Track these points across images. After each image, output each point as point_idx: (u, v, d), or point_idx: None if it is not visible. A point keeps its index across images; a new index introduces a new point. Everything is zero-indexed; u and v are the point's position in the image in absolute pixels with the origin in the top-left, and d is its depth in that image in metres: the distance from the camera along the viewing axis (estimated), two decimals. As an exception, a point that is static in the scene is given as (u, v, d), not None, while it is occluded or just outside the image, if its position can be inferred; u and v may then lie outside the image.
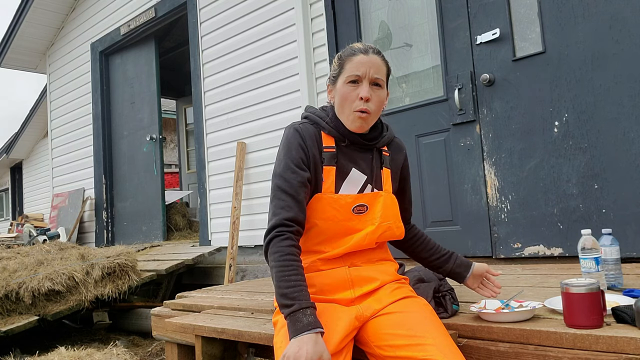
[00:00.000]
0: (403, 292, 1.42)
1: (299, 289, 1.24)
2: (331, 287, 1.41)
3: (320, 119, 1.48)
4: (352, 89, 1.42)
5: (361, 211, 1.44)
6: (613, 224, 2.39)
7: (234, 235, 4.01)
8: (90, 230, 6.23)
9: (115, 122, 6.10)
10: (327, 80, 1.53)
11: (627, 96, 2.39)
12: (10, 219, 12.47)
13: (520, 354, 1.26)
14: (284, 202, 1.36)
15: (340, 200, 1.42)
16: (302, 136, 1.44)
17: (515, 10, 2.77)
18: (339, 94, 1.45)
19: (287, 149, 1.43)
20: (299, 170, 1.39)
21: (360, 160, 1.49)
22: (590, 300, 1.20)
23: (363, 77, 1.41)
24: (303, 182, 1.38)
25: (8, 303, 3.45)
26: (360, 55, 1.42)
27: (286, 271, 1.26)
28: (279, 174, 1.41)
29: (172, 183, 10.74)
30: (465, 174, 2.94)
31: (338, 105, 1.46)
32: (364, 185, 1.47)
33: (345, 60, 1.45)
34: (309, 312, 1.20)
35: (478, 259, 2.85)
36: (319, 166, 1.44)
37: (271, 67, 4.05)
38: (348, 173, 1.46)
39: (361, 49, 1.44)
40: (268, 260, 1.32)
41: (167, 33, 6.83)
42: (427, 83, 3.19)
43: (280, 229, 1.32)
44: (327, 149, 1.45)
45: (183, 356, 2.19)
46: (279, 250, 1.29)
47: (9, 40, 6.67)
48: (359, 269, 1.44)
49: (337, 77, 1.47)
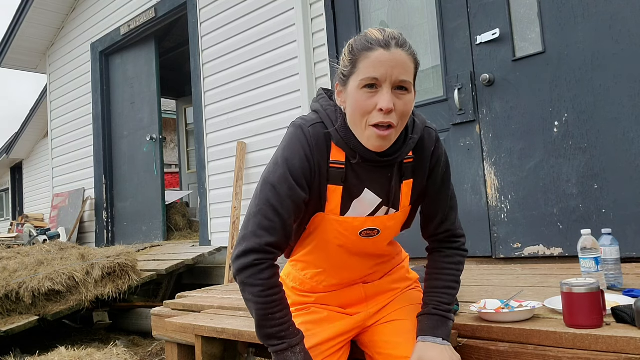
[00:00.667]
0: (411, 297, 1.36)
1: (286, 326, 1.12)
2: (345, 305, 1.35)
3: (331, 121, 1.17)
4: (369, 95, 1.08)
5: (370, 235, 1.23)
6: (613, 224, 2.39)
7: (234, 235, 4.01)
8: (91, 230, 6.23)
9: (115, 122, 6.10)
10: (335, 79, 1.19)
11: (627, 96, 2.39)
12: (10, 219, 12.47)
13: (520, 353, 1.26)
14: (270, 222, 1.11)
15: (345, 223, 1.21)
16: (309, 144, 1.14)
17: (515, 10, 2.77)
18: (351, 100, 1.11)
19: (289, 155, 1.14)
20: (297, 188, 1.13)
21: (374, 181, 1.20)
22: (590, 300, 1.20)
23: (383, 82, 1.07)
24: (297, 203, 1.14)
25: (8, 303, 3.45)
26: (379, 51, 1.07)
27: (270, 309, 1.10)
28: (271, 184, 1.14)
29: (172, 183, 10.73)
30: (465, 174, 2.94)
31: (351, 115, 1.13)
32: (377, 207, 1.23)
33: (359, 56, 1.10)
34: (299, 350, 1.11)
35: (478, 259, 2.86)
36: (323, 182, 1.17)
37: (271, 67, 4.05)
38: (359, 194, 1.20)
39: (380, 42, 1.08)
40: (240, 285, 1.13)
41: (167, 33, 6.83)
42: (427, 83, 3.19)
43: (261, 256, 1.10)
44: (335, 165, 1.17)
45: (183, 356, 2.19)
46: (259, 284, 1.09)
47: (9, 40, 6.67)
48: (374, 284, 1.36)
49: (348, 77, 1.13)
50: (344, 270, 1.31)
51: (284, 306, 1.13)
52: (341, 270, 1.31)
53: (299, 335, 1.14)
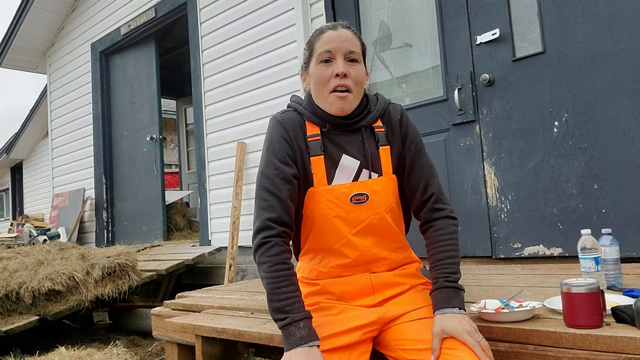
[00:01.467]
0: (429, 297, 1.33)
1: (291, 301, 1.18)
2: (351, 294, 1.35)
3: (301, 106, 1.38)
4: (326, 67, 1.30)
5: (361, 201, 1.31)
6: (613, 224, 2.39)
7: (234, 235, 4.01)
8: (91, 230, 6.23)
9: (115, 122, 6.10)
10: (299, 70, 1.42)
11: (627, 96, 2.40)
12: (10, 219, 12.47)
13: (520, 353, 1.26)
14: (266, 202, 1.26)
15: (334, 191, 1.31)
16: (284, 126, 1.33)
17: (515, 10, 2.77)
18: (312, 77, 1.33)
19: (269, 143, 1.33)
20: (283, 166, 1.29)
21: (348, 145, 1.34)
22: (590, 300, 1.20)
23: (336, 53, 1.29)
24: (287, 179, 1.28)
25: (8, 303, 3.45)
26: (329, 32, 1.32)
27: (277, 283, 1.19)
28: (261, 172, 1.32)
29: (172, 183, 10.74)
30: (465, 174, 2.94)
31: (314, 90, 1.34)
32: (358, 171, 1.34)
33: (314, 41, 1.34)
34: (302, 325, 1.15)
35: (478, 259, 2.86)
36: (306, 158, 1.32)
37: (271, 67, 4.05)
38: (339, 161, 1.33)
39: (329, 26, 1.34)
40: (257, 265, 1.25)
41: (167, 33, 6.83)
42: (427, 83, 3.19)
43: (266, 233, 1.23)
44: (312, 137, 1.33)
45: (183, 356, 2.19)
46: (267, 260, 1.21)
47: (9, 40, 6.68)
48: (380, 275, 1.36)
49: (308, 62, 1.35)
50: (347, 247, 1.33)
51: (290, 282, 1.20)
52: (344, 248, 1.33)
53: (304, 312, 1.18)
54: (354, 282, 1.35)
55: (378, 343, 1.32)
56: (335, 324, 1.25)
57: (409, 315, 1.29)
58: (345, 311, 1.31)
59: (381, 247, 1.36)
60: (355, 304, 1.34)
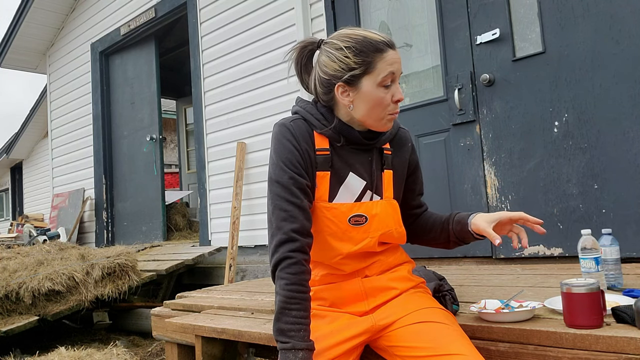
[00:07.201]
0: (423, 299, 1.32)
1: (298, 327, 1.14)
2: (344, 300, 1.33)
3: (311, 115, 1.30)
4: (386, 92, 1.23)
5: (359, 222, 1.29)
6: (613, 224, 2.39)
7: (234, 235, 4.01)
8: (91, 230, 6.23)
9: (115, 122, 6.10)
10: (333, 79, 1.26)
11: (627, 96, 2.39)
12: (10, 219, 12.48)
13: (520, 354, 1.26)
14: (287, 212, 1.20)
15: (333, 209, 1.27)
16: (294, 135, 1.27)
17: (515, 10, 2.77)
18: (367, 98, 1.24)
19: (280, 151, 1.26)
20: (297, 176, 1.23)
21: (357, 164, 1.31)
22: (590, 300, 1.20)
23: (397, 77, 1.24)
24: (303, 189, 1.23)
25: (8, 303, 3.45)
26: (391, 52, 1.22)
27: (288, 304, 1.14)
28: (275, 181, 1.24)
29: (172, 183, 10.74)
30: (465, 174, 2.94)
31: (364, 110, 1.25)
32: (362, 191, 1.31)
33: (375, 58, 1.21)
34: (301, 355, 1.11)
35: (478, 259, 2.86)
36: (313, 170, 1.28)
37: (271, 67, 4.05)
38: (345, 178, 1.30)
39: (386, 43, 1.23)
40: (274, 281, 1.20)
41: (167, 33, 6.83)
42: (427, 83, 3.19)
43: (290, 246, 1.17)
44: (321, 152, 1.28)
45: (183, 356, 2.19)
46: (286, 277, 1.16)
47: (9, 40, 6.67)
48: (373, 279, 1.34)
49: (358, 77, 1.23)
50: (340, 265, 1.32)
51: (302, 307, 1.16)
52: (337, 265, 1.32)
53: (308, 343, 1.14)
54: (346, 287, 1.33)
55: (377, 347, 1.32)
56: (327, 338, 1.23)
57: (402, 320, 1.27)
58: (337, 319, 1.29)
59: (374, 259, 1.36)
60: (348, 310, 1.32)
